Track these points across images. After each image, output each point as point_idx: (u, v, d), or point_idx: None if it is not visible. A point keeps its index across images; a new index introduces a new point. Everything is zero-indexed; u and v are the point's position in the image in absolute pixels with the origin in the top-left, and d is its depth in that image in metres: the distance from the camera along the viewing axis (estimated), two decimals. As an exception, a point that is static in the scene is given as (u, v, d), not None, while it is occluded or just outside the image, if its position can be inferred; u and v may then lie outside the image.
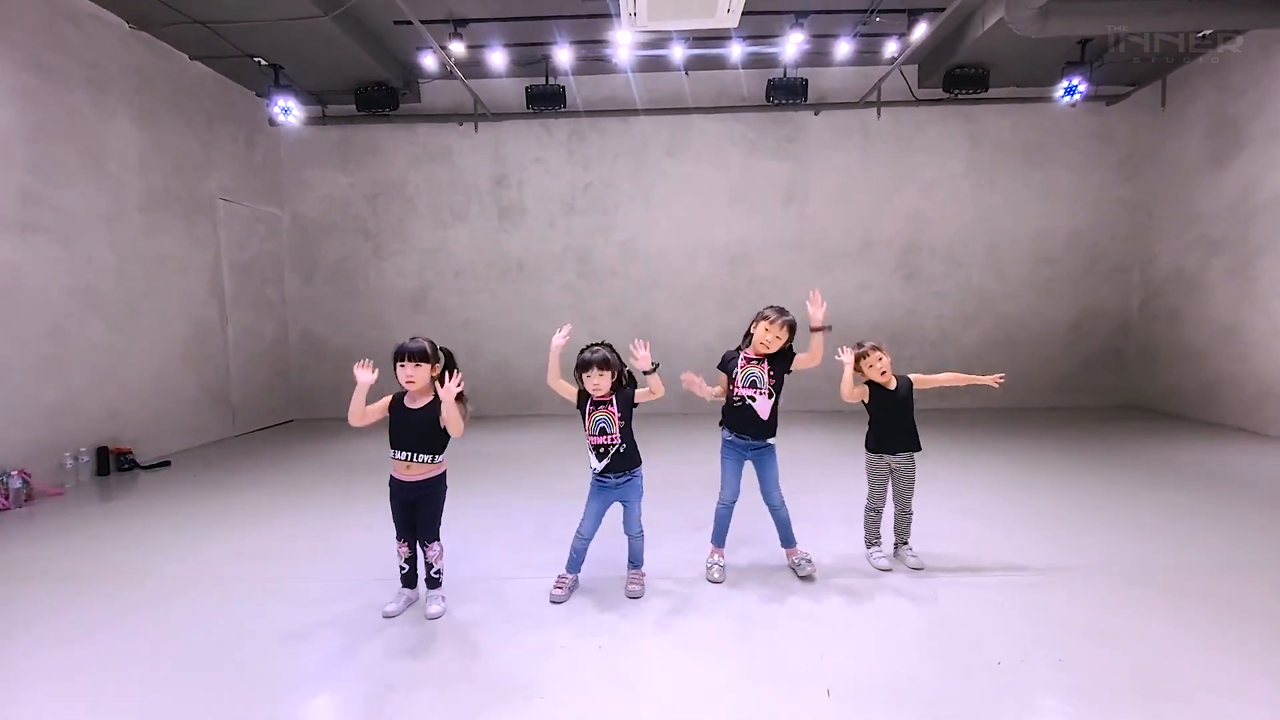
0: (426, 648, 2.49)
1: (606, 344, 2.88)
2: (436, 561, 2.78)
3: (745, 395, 2.97)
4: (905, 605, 2.78)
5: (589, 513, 2.90)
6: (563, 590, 2.86)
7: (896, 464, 3.18)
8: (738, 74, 7.62)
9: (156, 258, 6.05)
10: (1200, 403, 7.01)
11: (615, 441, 2.80)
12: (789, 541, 3.16)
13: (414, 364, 2.65)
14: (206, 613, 2.83)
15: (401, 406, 2.74)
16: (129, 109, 5.77)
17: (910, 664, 2.32)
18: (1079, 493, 4.39)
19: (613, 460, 2.81)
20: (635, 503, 2.91)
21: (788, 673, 2.28)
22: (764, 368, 2.97)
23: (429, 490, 2.74)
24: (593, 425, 2.81)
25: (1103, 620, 2.61)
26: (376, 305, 8.15)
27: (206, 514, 4.32)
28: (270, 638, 2.58)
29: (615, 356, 2.85)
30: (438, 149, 7.99)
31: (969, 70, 6.99)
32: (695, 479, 4.64)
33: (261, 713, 2.11)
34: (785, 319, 2.92)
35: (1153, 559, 3.22)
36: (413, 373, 2.66)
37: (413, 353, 2.66)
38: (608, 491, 2.88)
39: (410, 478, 2.71)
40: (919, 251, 7.99)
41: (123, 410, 5.63)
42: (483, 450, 6.27)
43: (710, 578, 3.06)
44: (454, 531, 3.65)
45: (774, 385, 2.97)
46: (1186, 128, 7.22)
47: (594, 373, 2.76)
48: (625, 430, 2.82)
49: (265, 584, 3.13)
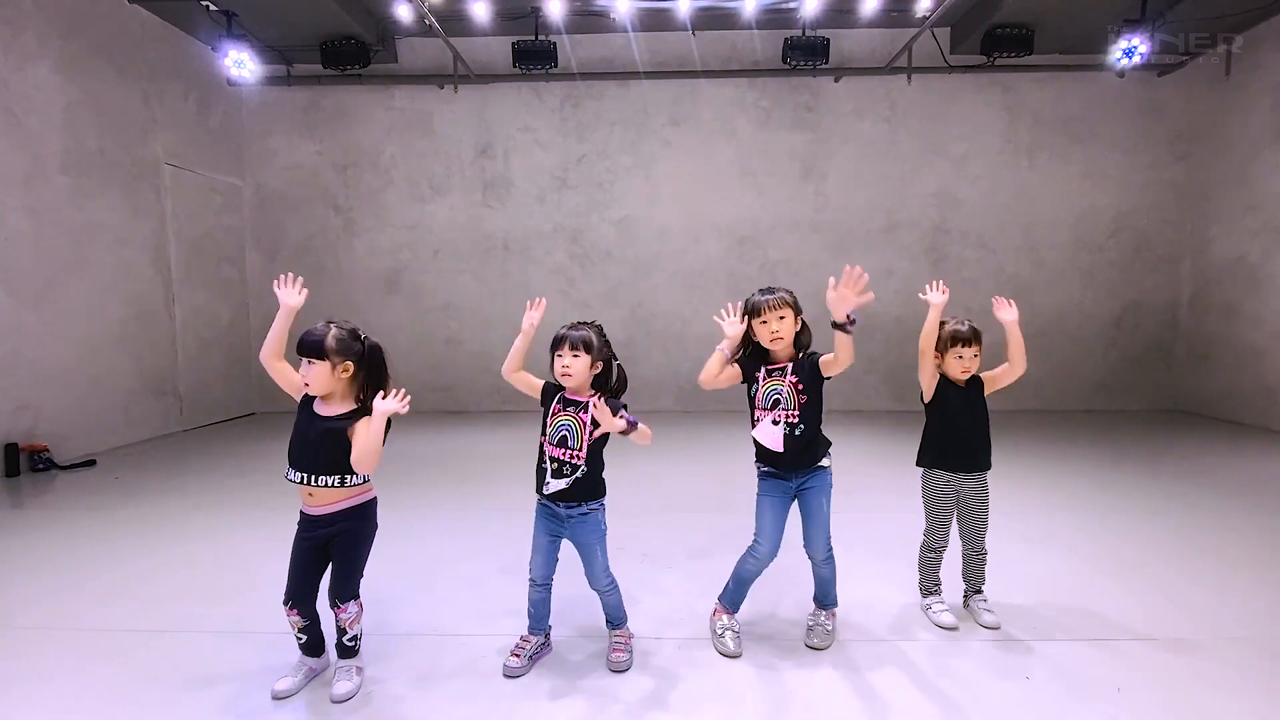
0: (320, 752, 1.76)
1: (596, 324, 2.14)
2: (352, 626, 2.01)
3: (759, 417, 2.24)
4: (982, 683, 2.05)
5: (536, 548, 2.15)
6: (519, 660, 2.11)
7: (966, 488, 2.45)
8: (751, 34, 6.84)
9: (85, 227, 5.29)
10: (1260, 407, 6.28)
11: (575, 460, 2.05)
12: (824, 602, 2.39)
13: (308, 360, 1.91)
14: (71, 661, 2.10)
15: (307, 408, 2.00)
16: (50, 54, 5.00)
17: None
18: (1163, 521, 3.64)
19: (566, 485, 2.06)
20: (594, 547, 2.13)
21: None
22: (790, 380, 2.20)
23: (345, 527, 1.98)
24: (553, 430, 2.07)
25: (1244, 708, 1.88)
26: (347, 287, 7.39)
27: (115, 528, 3.58)
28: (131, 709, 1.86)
29: (603, 342, 2.12)
30: (415, 114, 7.21)
31: (1011, 30, 6.21)
32: (698, 496, 3.91)
33: None
34: (777, 296, 2.19)
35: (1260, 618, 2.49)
36: (306, 372, 1.92)
37: (307, 345, 1.91)
38: (555, 523, 2.12)
39: (316, 509, 1.97)
40: (948, 235, 7.24)
41: (37, 401, 4.88)
42: (458, 452, 5.53)
43: (721, 650, 2.27)
44: (391, 568, 2.92)
45: (802, 405, 2.19)
46: (1250, 100, 6.45)
47: (565, 352, 2.04)
48: (594, 448, 2.07)
49: (158, 621, 2.43)
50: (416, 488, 4.35)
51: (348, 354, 1.96)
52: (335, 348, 1.94)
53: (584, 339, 2.05)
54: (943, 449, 2.47)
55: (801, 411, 2.18)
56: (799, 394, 2.19)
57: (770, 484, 2.27)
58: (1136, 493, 4.16)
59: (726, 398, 2.52)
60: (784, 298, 2.20)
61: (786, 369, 2.21)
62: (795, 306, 2.22)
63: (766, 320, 2.19)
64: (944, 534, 2.48)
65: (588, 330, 2.08)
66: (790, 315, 2.20)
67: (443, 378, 7.42)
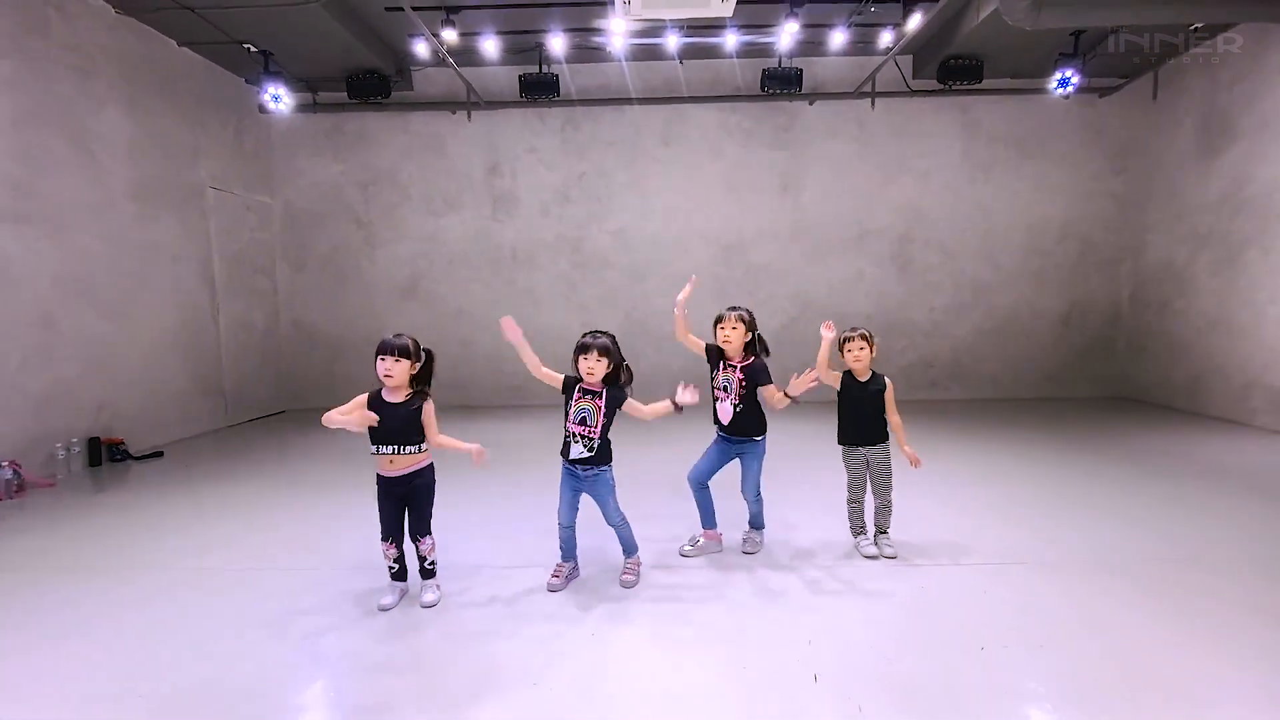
0: (422, 635, 2.52)
1: (610, 334, 2.89)
2: (430, 554, 2.81)
3: (719, 396, 3.14)
4: (890, 593, 2.83)
5: (562, 500, 2.92)
6: (559, 579, 2.90)
7: (871, 456, 3.22)
8: (732, 63, 7.59)
9: (148, 247, 6.01)
10: (1188, 394, 7.10)
11: (592, 435, 2.80)
12: (755, 524, 3.32)
13: (394, 359, 2.66)
14: (200, 602, 2.85)
15: (380, 402, 2.72)
16: (117, 96, 5.71)
17: (893, 650, 2.37)
18: (1064, 484, 4.45)
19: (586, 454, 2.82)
20: (606, 497, 2.91)
21: (777, 659, 2.32)
22: (737, 375, 3.07)
23: (418, 482, 2.75)
24: (575, 413, 2.83)
25: (1082, 609, 2.66)
26: (368, 294, 8.13)
27: (199, 504, 4.34)
28: (264, 626, 2.61)
29: (616, 349, 2.86)
30: (430, 137, 7.94)
31: (963, 61, 6.99)
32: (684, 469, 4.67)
33: (260, 699, 2.13)
34: (735, 313, 3.08)
35: (1133, 549, 3.28)
36: (391, 367, 2.66)
37: (396, 348, 2.67)
38: (576, 481, 2.90)
39: (397, 472, 2.71)
40: (913, 242, 8.02)
41: (114, 400, 5.61)
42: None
43: (683, 549, 3.28)
44: (446, 523, 3.67)
45: (742, 394, 3.07)
46: (1177, 121, 7.25)
47: (592, 356, 2.78)
48: (604, 428, 2.83)
49: (258, 573, 3.15)
50: (447, 470, 5.10)
51: (417, 355, 2.72)
52: (413, 351, 2.70)
53: (604, 346, 2.80)
54: (846, 429, 3.23)
55: (742, 399, 3.06)
56: (741, 386, 3.06)
57: (720, 443, 3.21)
58: (1057, 465, 4.95)
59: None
60: (740, 315, 3.07)
61: (737, 366, 3.07)
62: (749, 325, 3.08)
63: (723, 326, 3.09)
64: (859, 488, 3.26)
65: (606, 339, 2.84)
66: (741, 328, 3.06)
67: (457, 376, 8.14)
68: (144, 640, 2.53)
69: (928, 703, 2.07)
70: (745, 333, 3.07)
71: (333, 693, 2.19)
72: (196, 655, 2.42)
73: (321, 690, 2.20)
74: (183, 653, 2.44)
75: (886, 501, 3.28)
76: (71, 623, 2.68)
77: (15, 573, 3.22)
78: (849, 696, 2.10)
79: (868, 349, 3.14)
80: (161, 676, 2.29)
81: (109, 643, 2.52)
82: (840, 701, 2.08)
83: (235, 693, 2.18)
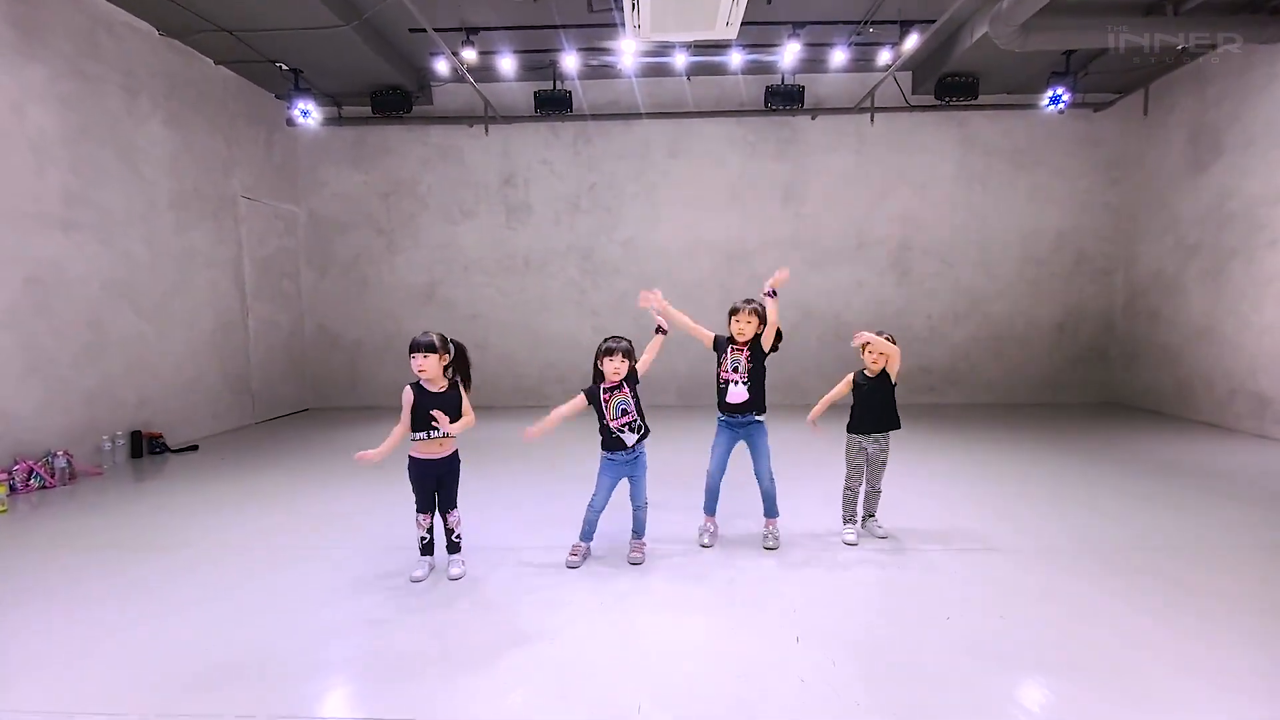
0: (452, 603, 2.84)
1: (628, 340, 3.24)
2: (457, 527, 3.15)
3: (729, 379, 3.38)
4: (871, 571, 3.13)
5: (600, 487, 3.25)
6: (577, 557, 3.23)
7: (872, 446, 3.51)
8: (737, 80, 7.92)
9: (185, 253, 6.40)
10: (1175, 400, 7.33)
11: (636, 419, 3.16)
12: (769, 512, 3.52)
13: (423, 355, 2.99)
14: (243, 574, 3.18)
15: (425, 393, 3.06)
16: (159, 112, 6.10)
17: (869, 618, 2.67)
18: (1050, 482, 4.72)
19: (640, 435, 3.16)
20: (642, 476, 3.27)
21: (764, 625, 2.63)
22: (744, 354, 3.38)
23: (453, 464, 3.13)
24: (614, 409, 3.15)
25: (1049, 588, 2.95)
26: (388, 299, 8.50)
27: (234, 492, 4.68)
28: (308, 594, 2.94)
29: (631, 349, 3.22)
30: (449, 149, 8.31)
31: (959, 79, 7.29)
32: (698, 465, 4.98)
33: (311, 656, 2.46)
34: (751, 307, 3.38)
35: (1108, 539, 3.55)
36: (423, 363, 3.00)
37: (423, 345, 3.00)
38: (617, 468, 3.23)
39: (439, 455, 3.05)
40: (911, 251, 8.30)
41: (154, 397, 5.99)
42: (491, 438, 6.61)
43: (701, 542, 3.48)
44: (472, 510, 4.02)
45: (750, 369, 3.36)
46: (1167, 135, 7.51)
47: (617, 358, 3.14)
48: (639, 409, 3.19)
49: (296, 551, 3.48)
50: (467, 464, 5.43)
51: (445, 348, 3.05)
52: (440, 345, 3.03)
53: (627, 350, 3.17)
54: (860, 416, 3.55)
55: (749, 374, 3.36)
56: (748, 362, 3.36)
57: (725, 431, 3.47)
58: (1046, 465, 5.21)
59: None
60: (755, 308, 3.37)
61: (743, 348, 3.39)
62: (761, 317, 3.37)
63: (738, 319, 3.37)
64: (856, 479, 3.57)
65: (627, 343, 3.20)
66: (755, 320, 3.37)
67: (473, 377, 8.48)
68: (198, 603, 2.87)
69: (895, 660, 2.36)
70: (758, 326, 3.37)
71: (369, 654, 2.50)
72: (247, 617, 2.75)
73: (357, 649, 2.52)
74: (233, 614, 2.77)
75: (878, 489, 3.59)
76: (131, 589, 3.02)
77: (73, 550, 3.56)
78: (825, 653, 2.40)
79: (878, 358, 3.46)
80: (218, 633, 2.62)
81: (164, 605, 2.86)
82: (817, 658, 2.37)
83: (279, 654, 2.50)
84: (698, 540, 3.51)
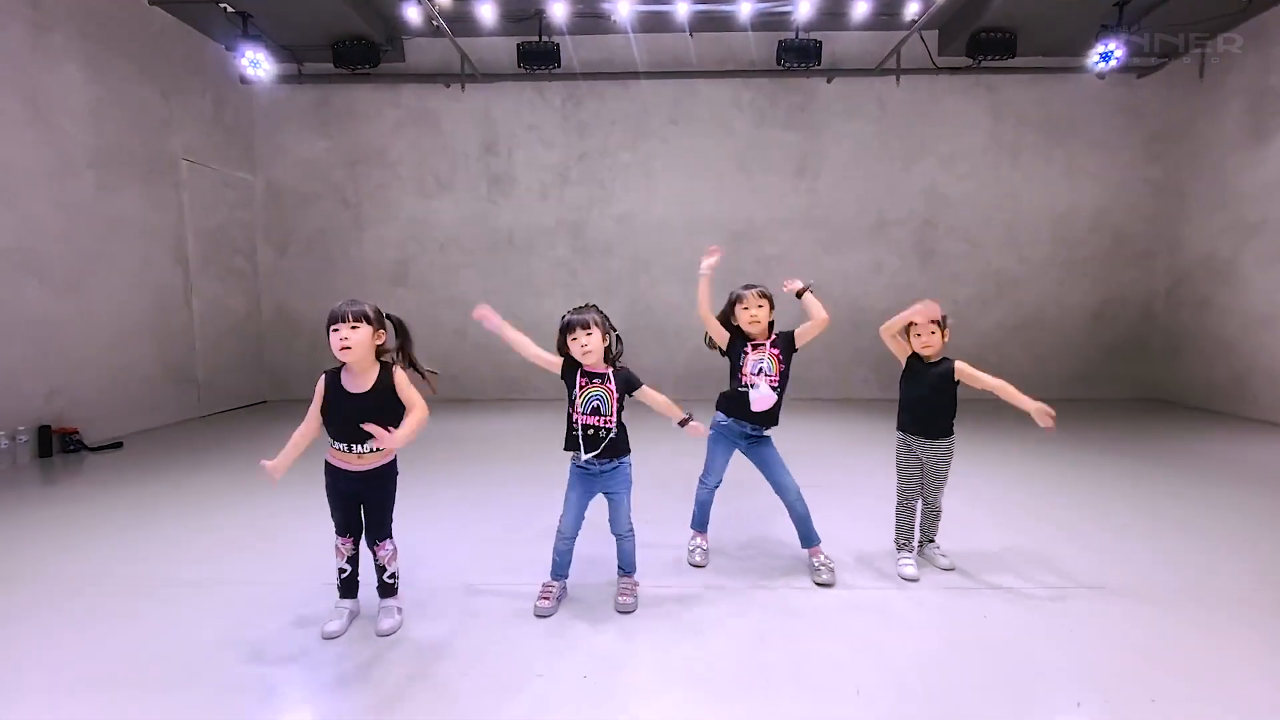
0: (371, 675, 2.03)
1: (593, 305, 2.45)
2: (390, 563, 2.31)
3: (754, 383, 2.65)
4: (935, 616, 2.35)
5: (568, 505, 2.46)
6: (549, 601, 2.41)
7: (925, 452, 2.74)
8: (746, 36, 7.10)
9: (110, 220, 5.53)
10: (1231, 395, 6.61)
11: (609, 425, 2.35)
12: (809, 540, 2.74)
13: (350, 325, 2.12)
14: (130, 618, 2.37)
15: (340, 390, 2.21)
16: (76, 54, 5.22)
17: (945, 687, 1.89)
18: (1117, 493, 3.96)
19: (602, 447, 2.36)
20: (623, 495, 2.47)
21: (811, 698, 1.84)
22: (775, 353, 2.65)
23: (383, 480, 2.28)
24: (584, 401, 2.36)
25: (1151, 644, 2.18)
26: (356, 279, 7.64)
27: (153, 501, 3.85)
28: (161, 655, 2.13)
29: (604, 318, 2.41)
30: (422, 112, 7.46)
31: (995, 34, 6.49)
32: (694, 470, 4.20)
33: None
34: (756, 289, 2.69)
35: (1224, 575, 2.80)
36: (349, 336, 2.12)
37: (348, 313, 2.13)
38: (590, 480, 2.43)
39: (357, 467, 2.24)
40: (935, 231, 7.53)
41: (69, 386, 5.13)
42: (464, 434, 5.81)
43: (691, 561, 2.85)
44: (420, 530, 3.22)
45: (782, 374, 2.66)
46: (1223, 102, 6.75)
47: (583, 334, 2.33)
48: (620, 412, 2.38)
49: (198, 589, 2.66)
50: (429, 464, 4.63)
51: (379, 322, 2.20)
52: (374, 318, 2.17)
53: (595, 320, 2.34)
54: (906, 413, 2.79)
55: (780, 377, 2.64)
56: (779, 362, 2.64)
57: (722, 433, 2.77)
58: (1103, 470, 4.46)
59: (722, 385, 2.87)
60: (763, 291, 2.68)
61: (765, 344, 2.65)
62: (771, 301, 2.69)
63: (748, 306, 2.65)
64: (911, 491, 2.79)
65: (593, 312, 2.38)
66: (766, 305, 2.67)
67: (449, 367, 7.65)
68: (60, 664, 2.06)
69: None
70: (770, 309, 2.69)
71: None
72: (115, 684, 1.94)
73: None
74: (97, 678, 1.96)
75: (936, 507, 2.83)
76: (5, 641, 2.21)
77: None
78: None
79: (939, 334, 2.71)
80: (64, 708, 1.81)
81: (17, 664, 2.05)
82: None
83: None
84: (687, 559, 2.86)
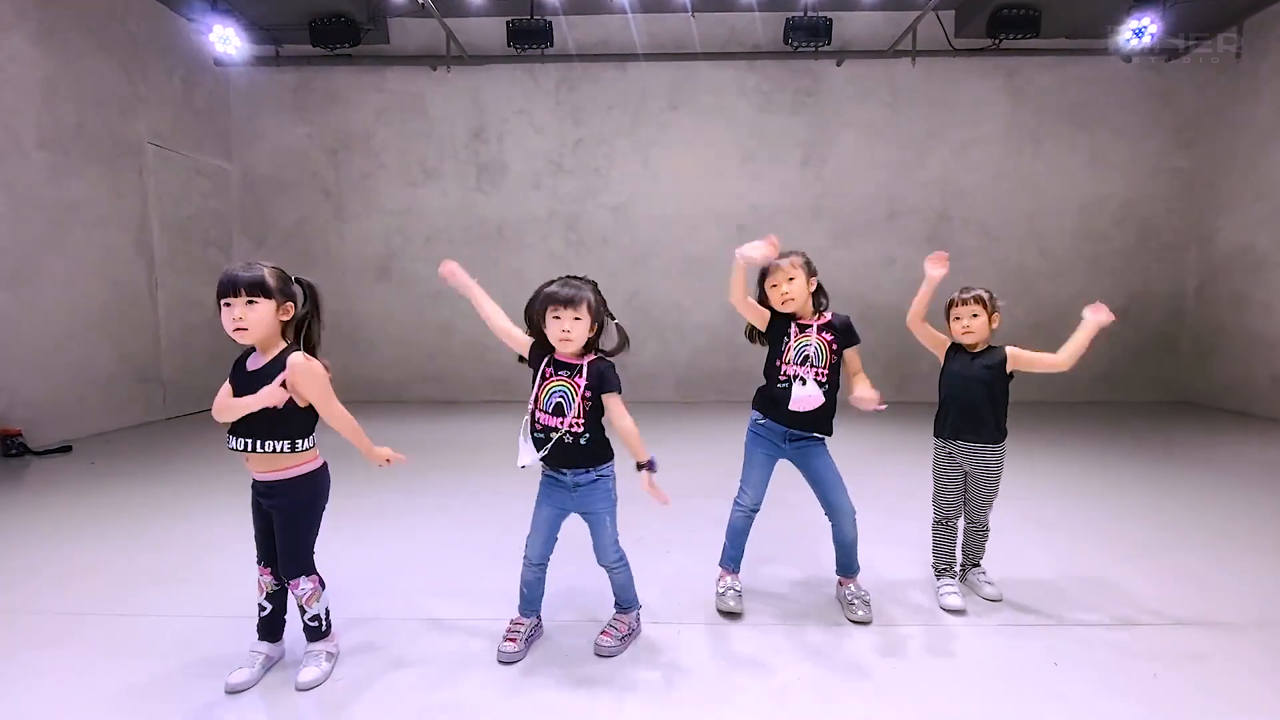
0: (283, 745, 1.60)
1: (591, 281, 1.95)
2: (309, 604, 1.84)
3: (793, 374, 2.14)
4: (994, 659, 1.91)
5: (536, 524, 2.00)
6: (515, 644, 1.95)
7: (968, 460, 2.30)
8: (751, 16, 6.68)
9: (63, 206, 5.12)
10: (1270, 398, 6.15)
11: (574, 428, 1.87)
12: (848, 569, 2.28)
13: (245, 299, 1.69)
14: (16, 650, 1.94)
15: (240, 370, 1.79)
16: (27, 24, 4.82)
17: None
18: (1170, 505, 3.53)
19: (566, 453, 1.90)
20: (604, 516, 1.98)
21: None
22: (823, 337, 2.14)
23: (286, 498, 1.80)
24: (545, 397, 1.90)
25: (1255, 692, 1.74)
26: (337, 274, 7.20)
27: (90, 512, 3.42)
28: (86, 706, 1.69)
29: (600, 300, 1.93)
30: (407, 96, 7.05)
31: (1018, 10, 6.07)
32: (696, 484, 3.76)
33: None
34: (788, 260, 2.13)
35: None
36: (244, 314, 1.70)
37: (243, 283, 1.68)
38: (562, 493, 1.96)
39: (259, 475, 1.79)
40: (950, 222, 7.10)
41: (11, 384, 4.71)
42: (446, 440, 5.39)
43: (724, 608, 2.22)
44: (382, 549, 2.78)
45: (833, 367, 2.15)
46: (1258, 86, 6.33)
47: (565, 314, 1.85)
48: (592, 414, 1.90)
49: (112, 621, 2.23)
50: (401, 474, 4.19)
51: (285, 292, 1.77)
52: (276, 284, 1.74)
53: (586, 300, 1.86)
54: (946, 415, 2.35)
55: (830, 370, 2.14)
56: (831, 352, 2.14)
57: (760, 437, 2.25)
58: (1147, 480, 4.04)
59: (726, 388, 2.42)
60: (794, 259, 2.14)
61: (813, 326, 2.15)
62: (808, 267, 2.18)
63: (776, 284, 2.16)
64: (949, 505, 2.36)
65: (587, 289, 1.90)
66: (801, 276, 2.15)
67: (435, 367, 7.26)
68: None
69: None
70: (810, 280, 2.17)
71: None
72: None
73: None
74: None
75: (982, 525, 2.39)
76: None
77: None
78: None
79: (984, 317, 2.26)
80: None
81: None
82: None
83: None
84: (718, 604, 2.26)
